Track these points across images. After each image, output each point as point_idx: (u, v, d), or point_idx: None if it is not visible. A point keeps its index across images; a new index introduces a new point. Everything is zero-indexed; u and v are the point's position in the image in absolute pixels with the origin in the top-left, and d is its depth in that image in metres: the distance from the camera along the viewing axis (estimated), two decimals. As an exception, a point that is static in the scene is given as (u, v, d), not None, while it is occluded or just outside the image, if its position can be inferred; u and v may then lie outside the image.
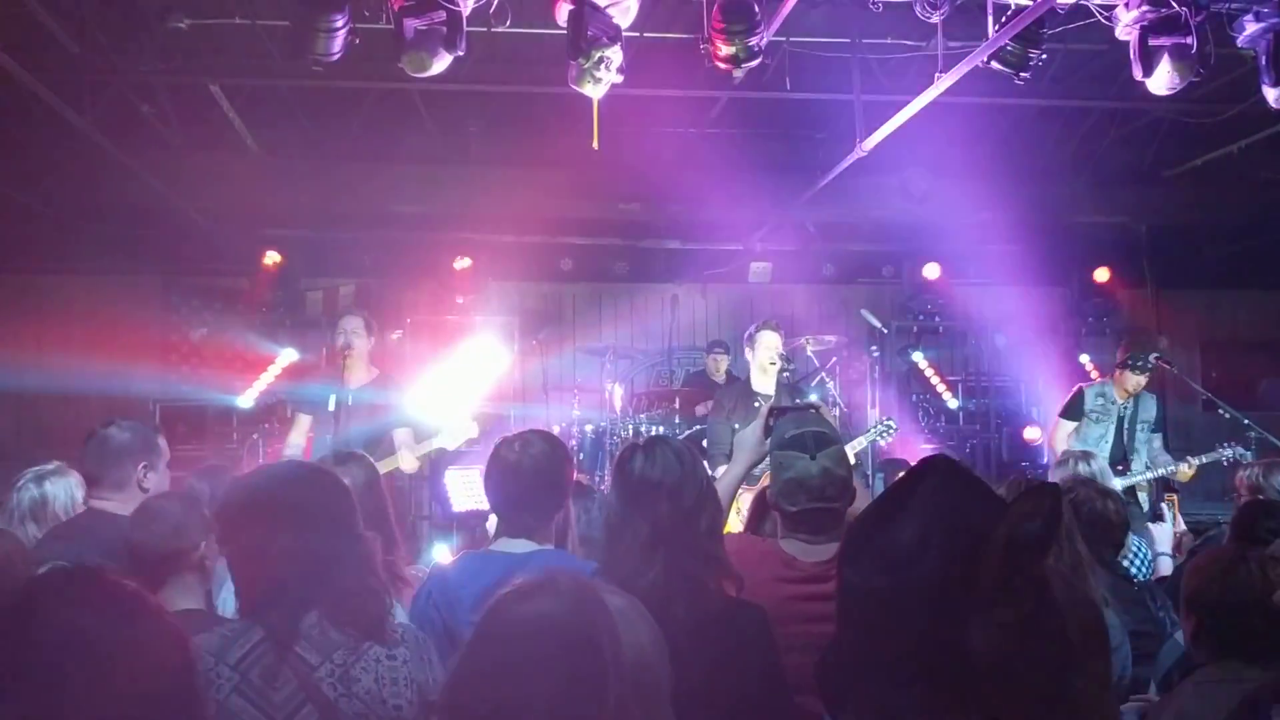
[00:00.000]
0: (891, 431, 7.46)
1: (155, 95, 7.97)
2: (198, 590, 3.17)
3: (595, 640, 1.76)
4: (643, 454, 2.78)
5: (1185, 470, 7.18)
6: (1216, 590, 2.71)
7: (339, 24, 5.46)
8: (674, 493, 2.70)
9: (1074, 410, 7.59)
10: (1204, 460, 7.28)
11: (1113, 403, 7.49)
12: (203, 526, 3.13)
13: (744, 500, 5.01)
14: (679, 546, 2.64)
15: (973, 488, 1.48)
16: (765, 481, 3.31)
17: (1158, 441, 7.50)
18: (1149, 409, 7.50)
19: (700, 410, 9.20)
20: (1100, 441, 7.38)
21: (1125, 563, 4.26)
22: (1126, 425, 7.44)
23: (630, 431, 9.00)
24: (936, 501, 1.44)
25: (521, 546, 3.10)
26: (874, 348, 9.72)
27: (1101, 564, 3.27)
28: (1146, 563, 4.40)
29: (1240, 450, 7.20)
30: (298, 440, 6.44)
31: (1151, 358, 7.43)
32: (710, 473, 3.33)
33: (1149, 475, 7.24)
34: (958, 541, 1.38)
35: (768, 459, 3.21)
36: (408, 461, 6.24)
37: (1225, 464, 7.19)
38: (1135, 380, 7.36)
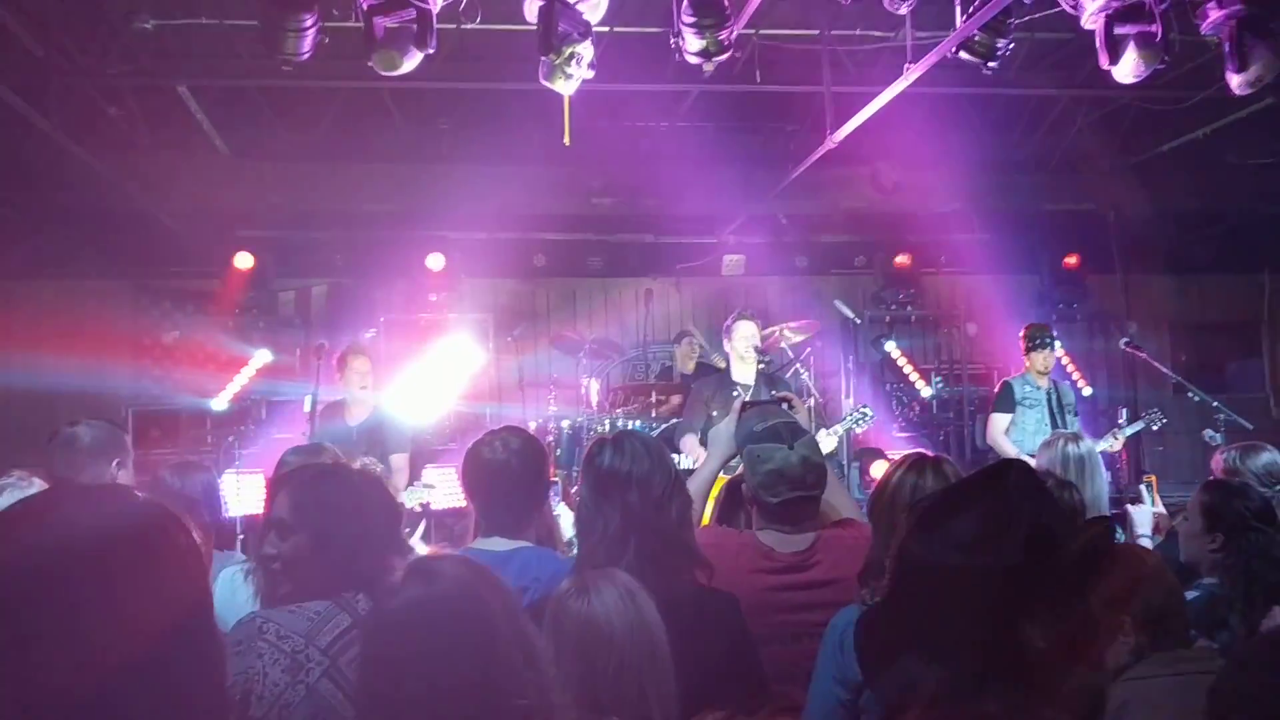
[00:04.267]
0: (868, 419, 7.52)
1: (122, 97, 7.90)
2: None
3: (480, 617, 1.89)
4: (611, 446, 2.81)
5: (1113, 444, 7.45)
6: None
7: (308, 23, 5.44)
8: (643, 484, 2.73)
9: (1006, 402, 7.78)
10: (1130, 432, 7.57)
11: (1038, 389, 7.71)
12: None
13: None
14: (649, 536, 2.67)
15: (1047, 495, 1.58)
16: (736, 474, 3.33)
17: (1077, 424, 7.73)
18: (1069, 394, 7.80)
19: (676, 399, 9.22)
20: (1040, 425, 7.58)
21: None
22: (1056, 408, 7.66)
23: (607, 427, 9.00)
24: (1016, 500, 1.53)
25: (502, 545, 3.10)
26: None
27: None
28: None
29: (1155, 415, 7.64)
30: None
31: (1048, 335, 7.73)
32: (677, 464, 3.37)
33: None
34: (1033, 541, 1.49)
35: (743, 455, 3.23)
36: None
37: (1154, 429, 7.74)
38: (1042, 358, 7.64)
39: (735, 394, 7.58)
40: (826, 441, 6.96)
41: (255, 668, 2.23)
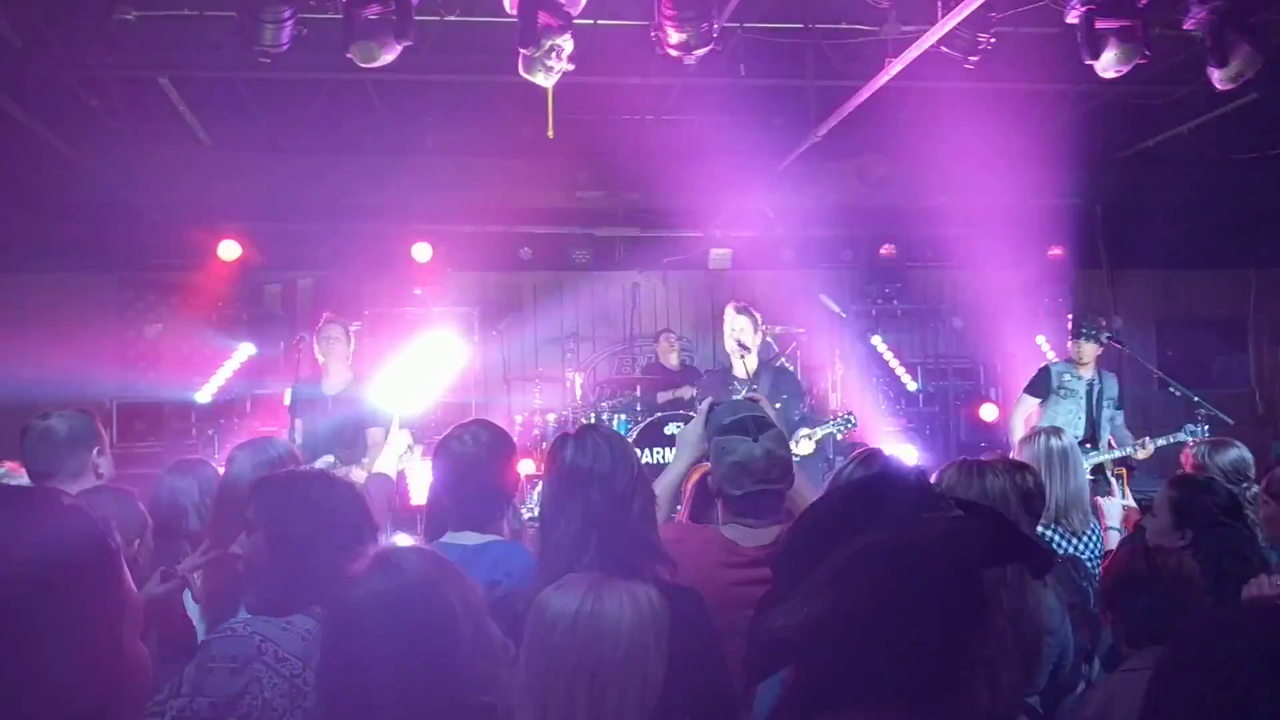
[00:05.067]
0: (851, 425, 7.44)
1: (104, 88, 7.86)
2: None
3: (441, 610, 1.94)
4: (574, 442, 2.80)
5: (1143, 452, 7.28)
6: (1120, 587, 2.88)
7: (286, 15, 5.43)
8: (605, 480, 2.72)
9: (1040, 387, 7.62)
10: (1162, 443, 7.38)
11: (1079, 379, 7.56)
12: (138, 525, 3.11)
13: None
14: (611, 533, 2.66)
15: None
16: (705, 469, 3.32)
17: (1120, 419, 7.58)
18: (1112, 387, 7.59)
19: (662, 397, 9.22)
20: (1072, 418, 7.44)
21: (1078, 541, 4.31)
22: (1094, 402, 7.51)
23: (592, 419, 9.01)
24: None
25: (473, 538, 3.10)
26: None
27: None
28: (1096, 539, 4.45)
29: (1199, 429, 7.32)
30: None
31: (1101, 322, 7.57)
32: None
33: (1114, 454, 7.32)
34: None
35: (710, 448, 3.22)
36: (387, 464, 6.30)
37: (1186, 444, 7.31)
38: (1090, 348, 7.47)
39: (731, 387, 7.57)
40: (804, 445, 6.91)
41: (252, 691, 2.20)
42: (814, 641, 1.50)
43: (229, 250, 9.31)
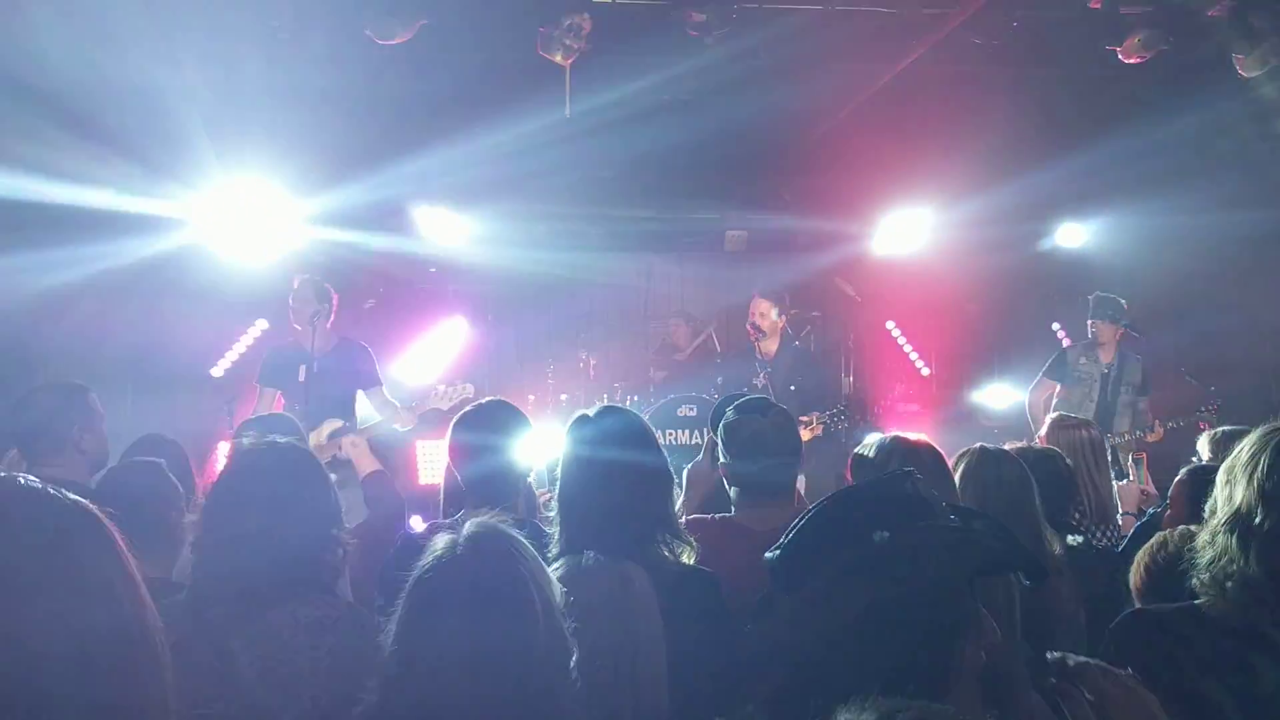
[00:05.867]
0: (843, 419, 7.38)
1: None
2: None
3: (521, 594, 1.89)
4: (594, 422, 2.80)
5: (1152, 435, 7.25)
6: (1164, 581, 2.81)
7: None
8: (625, 460, 2.71)
9: (1057, 370, 7.60)
10: (1173, 425, 7.34)
11: (1095, 363, 7.52)
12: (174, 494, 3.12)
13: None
14: (631, 513, 2.66)
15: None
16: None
17: (1143, 404, 7.53)
18: (1134, 372, 7.54)
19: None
20: (1084, 402, 7.42)
21: (1108, 530, 4.28)
22: (1110, 387, 7.46)
23: (605, 400, 9.01)
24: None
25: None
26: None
27: (1057, 527, 3.29)
28: (1115, 526, 4.42)
29: (1209, 414, 7.29)
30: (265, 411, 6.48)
31: (1121, 303, 7.51)
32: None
33: (1125, 438, 7.30)
34: None
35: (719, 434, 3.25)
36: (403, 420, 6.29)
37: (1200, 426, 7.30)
38: (1108, 329, 7.42)
39: (751, 372, 7.62)
40: (803, 434, 6.95)
41: None
42: (807, 651, 1.53)
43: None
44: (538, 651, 1.86)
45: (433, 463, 7.53)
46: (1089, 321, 7.69)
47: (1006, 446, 3.27)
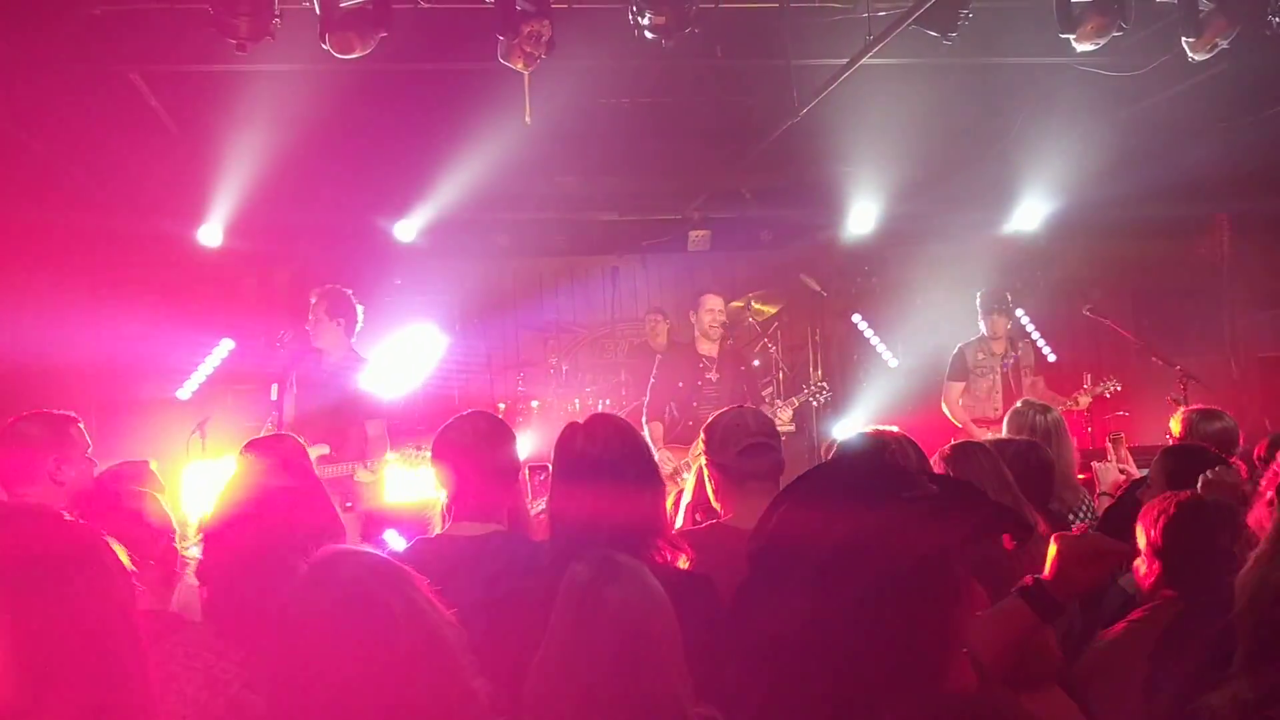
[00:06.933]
0: (825, 394, 7.56)
1: (73, 84, 7.73)
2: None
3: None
4: (584, 431, 2.80)
5: (1082, 400, 7.49)
6: (1181, 539, 2.87)
7: (261, 6, 5.36)
8: (615, 467, 2.72)
9: (958, 370, 7.87)
10: (1096, 391, 7.61)
11: (993, 355, 7.76)
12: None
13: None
14: (624, 521, 2.66)
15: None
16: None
17: (1041, 385, 7.78)
18: (1028, 354, 7.86)
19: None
20: (991, 393, 7.66)
21: (1073, 516, 4.35)
22: (1011, 373, 7.72)
23: (577, 406, 9.01)
24: None
25: (474, 529, 3.10)
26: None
27: (1038, 512, 3.35)
28: (1089, 510, 4.49)
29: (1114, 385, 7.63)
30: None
31: (1008, 296, 7.78)
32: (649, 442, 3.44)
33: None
34: None
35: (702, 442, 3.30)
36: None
37: (1108, 395, 7.74)
38: (999, 321, 7.68)
39: (700, 366, 7.66)
40: (784, 413, 7.06)
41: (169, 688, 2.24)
42: (804, 640, 1.51)
43: (210, 235, 9.13)
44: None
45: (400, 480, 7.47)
46: (982, 317, 7.92)
47: (986, 439, 3.33)
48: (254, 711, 2.22)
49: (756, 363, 8.59)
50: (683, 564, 2.71)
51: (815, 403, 8.06)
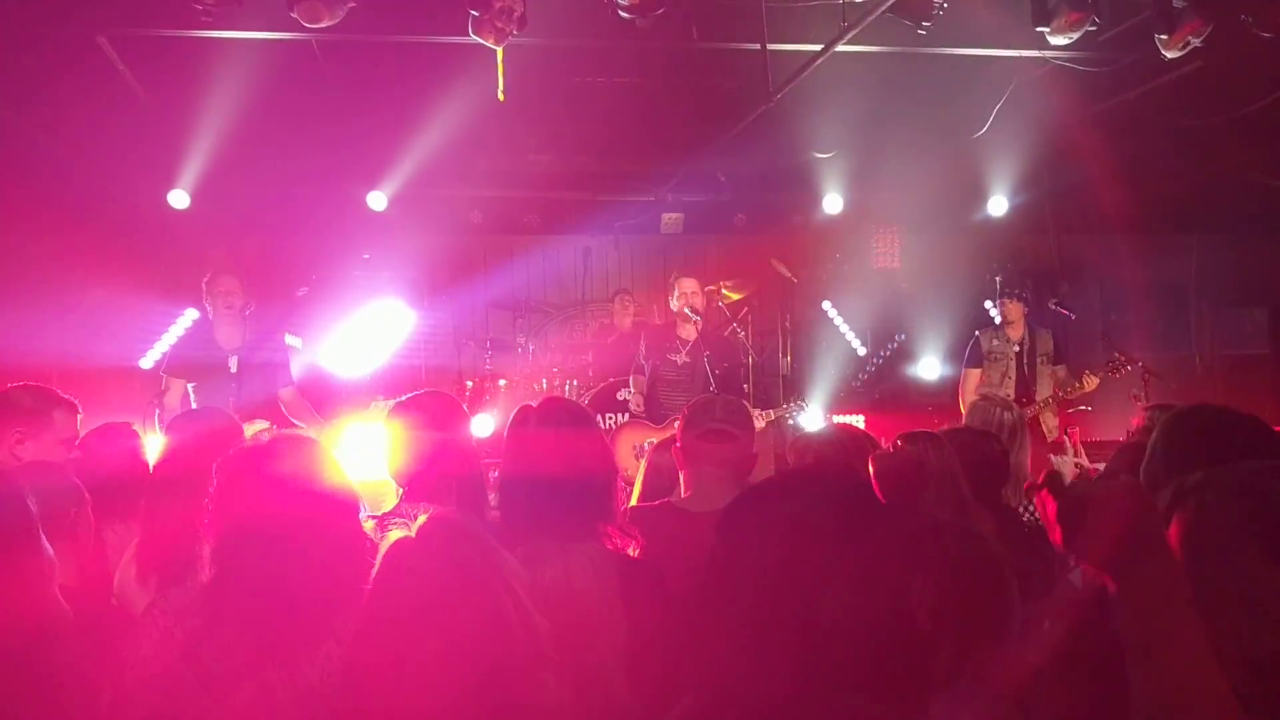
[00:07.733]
0: (803, 411, 7.60)
1: (40, 47, 7.60)
2: None
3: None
4: (536, 414, 2.79)
5: (1088, 383, 7.51)
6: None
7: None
8: (569, 451, 2.70)
9: (975, 358, 7.86)
10: (1103, 376, 7.64)
11: (1007, 342, 7.78)
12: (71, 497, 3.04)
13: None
14: (575, 505, 2.65)
15: None
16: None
17: (1062, 372, 7.80)
18: (1046, 342, 7.83)
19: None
20: (1003, 380, 7.67)
21: (1024, 511, 4.36)
22: (1025, 360, 7.73)
23: (544, 385, 8.98)
24: None
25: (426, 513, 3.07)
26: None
27: (986, 505, 3.36)
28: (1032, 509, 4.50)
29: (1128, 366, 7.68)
30: (173, 403, 6.41)
31: (1026, 282, 7.80)
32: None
33: (1047, 396, 7.56)
34: None
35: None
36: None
37: (1120, 376, 7.72)
38: (1015, 308, 7.69)
39: (672, 348, 7.67)
40: (756, 422, 7.05)
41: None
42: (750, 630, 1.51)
43: (178, 199, 9.04)
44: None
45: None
46: (997, 302, 7.95)
47: (941, 430, 3.34)
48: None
49: (750, 360, 8.56)
50: (632, 552, 2.70)
51: (789, 420, 8.03)
